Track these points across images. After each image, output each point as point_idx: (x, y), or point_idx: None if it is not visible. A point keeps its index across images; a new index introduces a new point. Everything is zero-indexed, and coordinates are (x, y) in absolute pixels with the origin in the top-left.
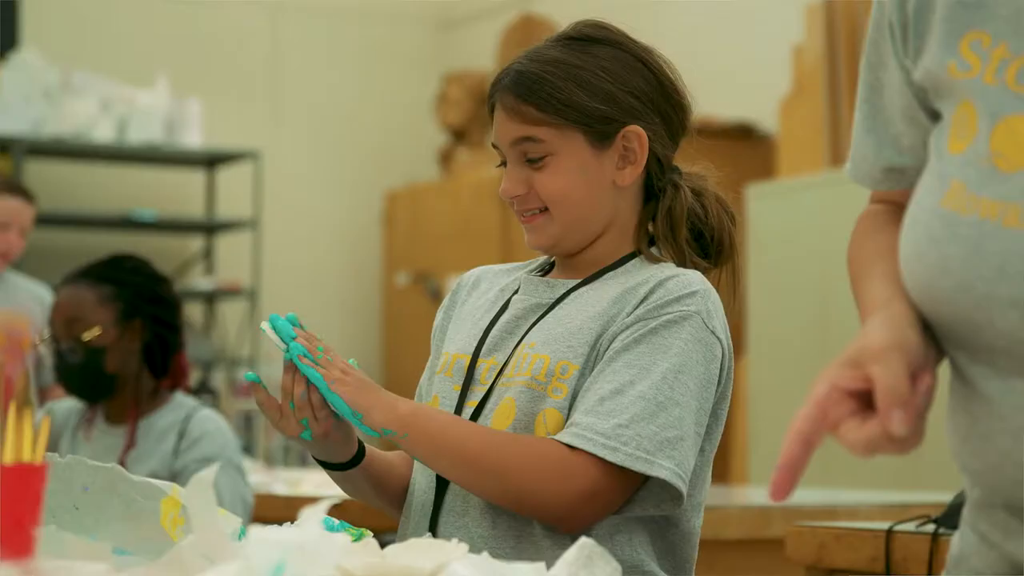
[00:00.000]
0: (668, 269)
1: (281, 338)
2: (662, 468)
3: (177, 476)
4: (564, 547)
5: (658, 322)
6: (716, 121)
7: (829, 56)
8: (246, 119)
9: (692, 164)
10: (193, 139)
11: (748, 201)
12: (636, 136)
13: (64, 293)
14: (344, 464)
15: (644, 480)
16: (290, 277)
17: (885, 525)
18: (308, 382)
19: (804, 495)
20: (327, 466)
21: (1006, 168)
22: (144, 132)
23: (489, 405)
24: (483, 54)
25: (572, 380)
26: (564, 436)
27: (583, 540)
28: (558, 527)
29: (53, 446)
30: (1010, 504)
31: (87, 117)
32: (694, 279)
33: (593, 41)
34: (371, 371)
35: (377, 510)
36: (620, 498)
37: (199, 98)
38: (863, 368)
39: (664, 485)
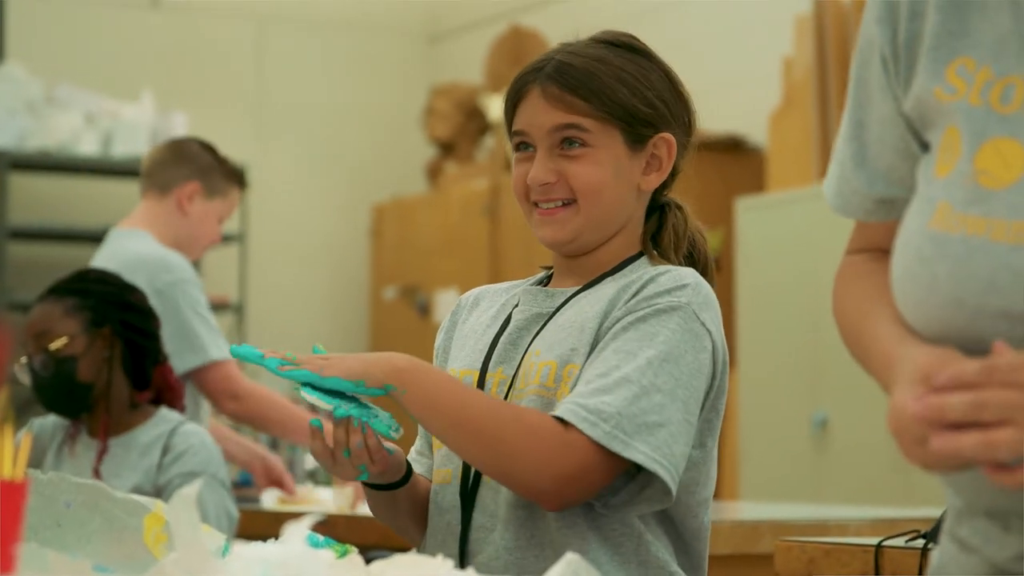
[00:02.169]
0: (663, 267)
1: (253, 362)
2: (637, 451)
3: (161, 491)
4: (584, 553)
5: (647, 311)
6: (705, 134)
7: (819, 69)
8: (232, 133)
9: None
10: None
11: (737, 214)
12: (666, 144)
13: (32, 313)
14: (393, 484)
15: (641, 479)
16: (277, 291)
17: (874, 540)
18: (363, 431)
19: (793, 510)
20: (374, 487)
21: (991, 186)
22: (129, 146)
23: None
24: (471, 67)
25: (576, 380)
26: (556, 411)
27: (569, 556)
28: (538, 501)
29: (38, 462)
30: (992, 510)
31: (71, 131)
32: (686, 273)
33: (629, 48)
34: None
35: (374, 527)
36: (602, 482)
37: (185, 112)
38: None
39: (658, 480)
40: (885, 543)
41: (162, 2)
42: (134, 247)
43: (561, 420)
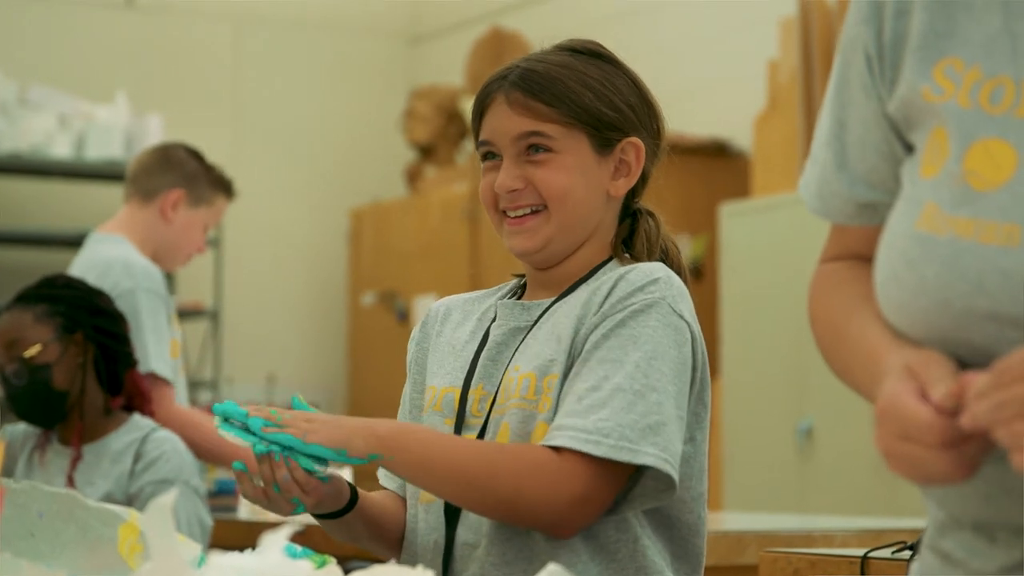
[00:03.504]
0: (630, 265)
1: (235, 421)
2: (646, 455)
3: (133, 499)
4: (574, 566)
5: (624, 314)
6: (689, 138)
7: (804, 72)
8: (208, 136)
9: (649, 195)
10: None
11: (721, 220)
12: (635, 148)
13: (1, 321)
14: (340, 511)
15: (638, 475)
16: (253, 297)
17: (860, 551)
18: (287, 463)
19: (778, 521)
20: (322, 516)
21: (980, 187)
22: (103, 149)
23: (487, 436)
24: (451, 69)
25: (555, 390)
26: (549, 439)
27: (551, 567)
28: (553, 533)
29: (10, 471)
30: (978, 523)
31: (44, 133)
32: (655, 267)
33: (594, 55)
34: (337, 392)
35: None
36: (610, 497)
37: (159, 114)
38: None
39: (656, 475)
40: (871, 554)
41: (137, 2)
42: (105, 252)
43: (554, 447)
